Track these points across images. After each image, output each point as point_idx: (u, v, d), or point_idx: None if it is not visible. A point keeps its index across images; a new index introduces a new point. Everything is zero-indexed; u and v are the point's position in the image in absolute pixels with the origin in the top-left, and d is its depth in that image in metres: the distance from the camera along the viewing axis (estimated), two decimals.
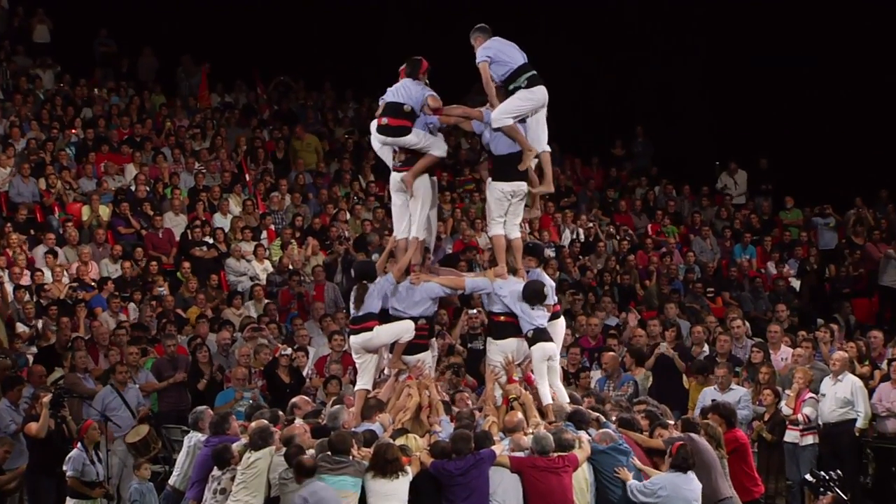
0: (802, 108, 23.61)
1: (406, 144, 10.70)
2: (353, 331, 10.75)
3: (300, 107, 24.03)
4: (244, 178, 20.30)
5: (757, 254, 20.67)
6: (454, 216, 19.90)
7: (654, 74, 25.09)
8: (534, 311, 10.54)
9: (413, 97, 10.69)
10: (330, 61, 25.28)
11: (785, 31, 23.65)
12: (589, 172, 23.70)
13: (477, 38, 10.83)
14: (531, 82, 10.66)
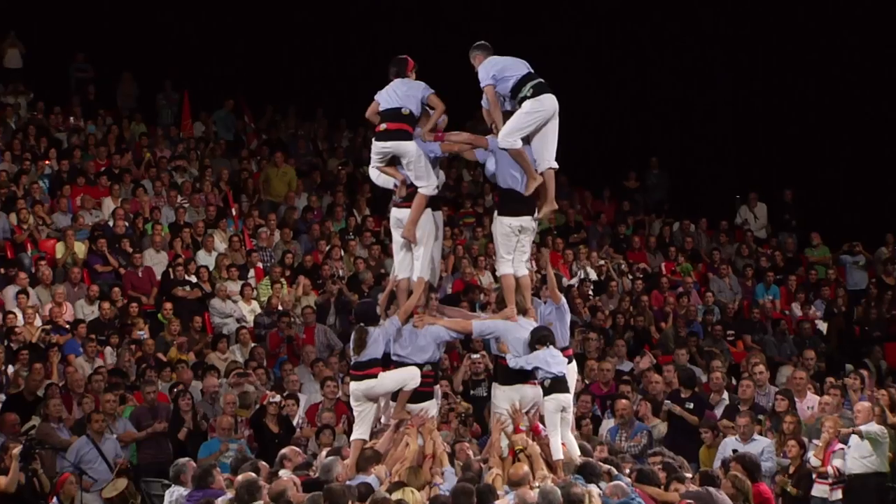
0: (830, 137, 23.77)
1: (404, 154, 10.67)
2: (355, 377, 10.75)
3: (291, 136, 24.22)
4: (230, 213, 20.41)
5: (781, 294, 20.74)
6: (455, 253, 19.98)
7: (670, 102, 25.27)
8: (552, 357, 10.55)
9: (410, 97, 10.74)
10: (323, 88, 25.52)
11: (809, 56, 23.86)
12: (600, 206, 23.82)
13: (476, 57, 10.90)
14: (537, 90, 10.65)
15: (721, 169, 24.95)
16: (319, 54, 25.91)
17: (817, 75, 23.76)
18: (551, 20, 24.82)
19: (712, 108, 25.20)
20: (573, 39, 24.73)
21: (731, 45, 24.88)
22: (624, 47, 25.56)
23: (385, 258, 19.30)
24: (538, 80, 10.71)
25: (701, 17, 25.01)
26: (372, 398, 10.72)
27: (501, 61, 10.79)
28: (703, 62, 25.29)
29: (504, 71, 10.71)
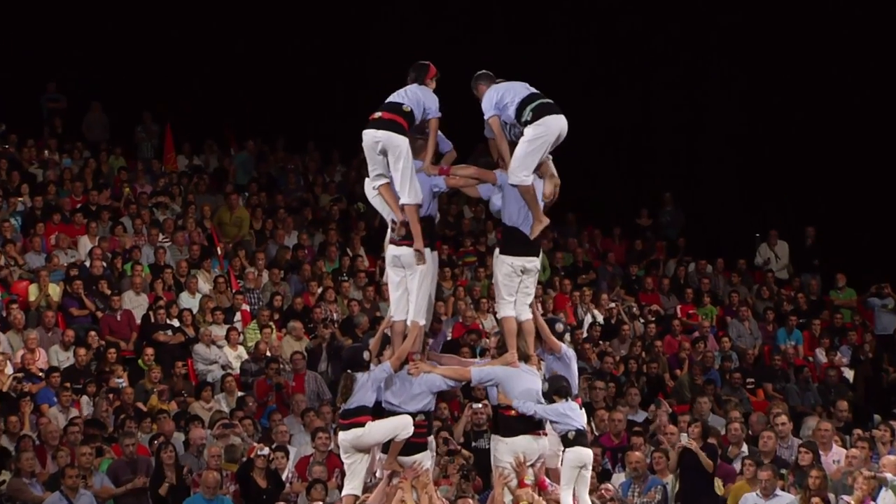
0: (855, 172, 23.89)
1: (394, 150, 10.64)
2: (342, 426, 10.79)
3: (280, 170, 24.35)
4: (215, 252, 20.50)
5: (804, 339, 20.80)
6: (455, 294, 20.06)
7: (684, 134, 25.44)
8: (572, 410, 10.60)
9: (417, 101, 10.74)
10: (314, 119, 25.70)
11: (833, 86, 24.05)
12: (610, 245, 23.92)
13: (479, 87, 10.94)
14: (537, 112, 10.60)
15: (739, 205, 25.06)
16: (310, 83, 26.11)
17: (841, 107, 23.93)
18: (555, 50, 25.02)
19: (729, 140, 25.35)
20: (579, 68, 24.92)
21: (750, 74, 25.08)
22: (633, 75, 25.77)
23: (380, 300, 19.36)
24: (540, 102, 10.68)
25: (716, 45, 25.25)
26: (361, 449, 10.74)
27: (503, 88, 10.81)
28: (719, 91, 25.47)
29: (504, 97, 10.72)
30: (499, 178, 10.85)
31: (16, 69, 24.51)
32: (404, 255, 10.91)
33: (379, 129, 10.67)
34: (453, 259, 21.47)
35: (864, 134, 23.84)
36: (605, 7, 25.26)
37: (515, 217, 10.82)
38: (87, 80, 24.90)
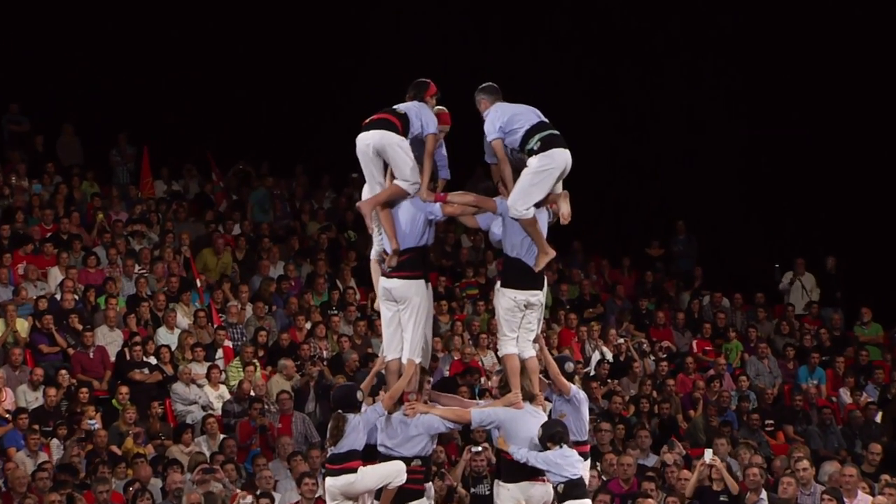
0: (881, 197, 23.98)
1: (388, 148, 10.71)
2: (331, 472, 10.81)
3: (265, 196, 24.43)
4: (195, 284, 20.54)
5: (827, 378, 20.83)
6: (453, 329, 20.09)
7: (697, 158, 25.53)
8: (564, 458, 10.60)
9: (416, 112, 10.81)
10: (302, 141, 25.78)
11: (855, 104, 24.19)
12: (619, 277, 23.98)
13: (482, 101, 11.00)
14: (546, 143, 10.67)
15: (757, 234, 25.13)
16: (298, 102, 26.20)
17: (863, 128, 24.05)
18: (562, 73, 25.18)
19: (745, 164, 25.45)
20: (586, 89, 25.06)
21: (767, 94, 25.21)
22: (642, 94, 25.89)
23: (373, 336, 19.38)
24: (549, 132, 10.73)
25: (733, 61, 25.39)
26: (351, 496, 10.75)
27: (510, 109, 10.84)
28: (734, 113, 25.59)
29: (513, 122, 10.74)
30: (499, 206, 10.89)
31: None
32: (397, 288, 10.95)
33: (371, 131, 10.76)
34: (452, 291, 21.50)
35: (892, 155, 23.95)
36: (605, 8, 25.57)
37: (518, 248, 10.86)
38: (55, 100, 24.92)
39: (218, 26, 25.85)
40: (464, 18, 24.99)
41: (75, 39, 25.39)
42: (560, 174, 10.83)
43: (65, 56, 25.25)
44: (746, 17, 25.26)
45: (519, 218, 10.72)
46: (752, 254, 24.90)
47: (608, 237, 24.88)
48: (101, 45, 25.40)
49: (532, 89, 11.30)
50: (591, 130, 24.00)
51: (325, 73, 26.27)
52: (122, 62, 25.48)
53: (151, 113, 25.29)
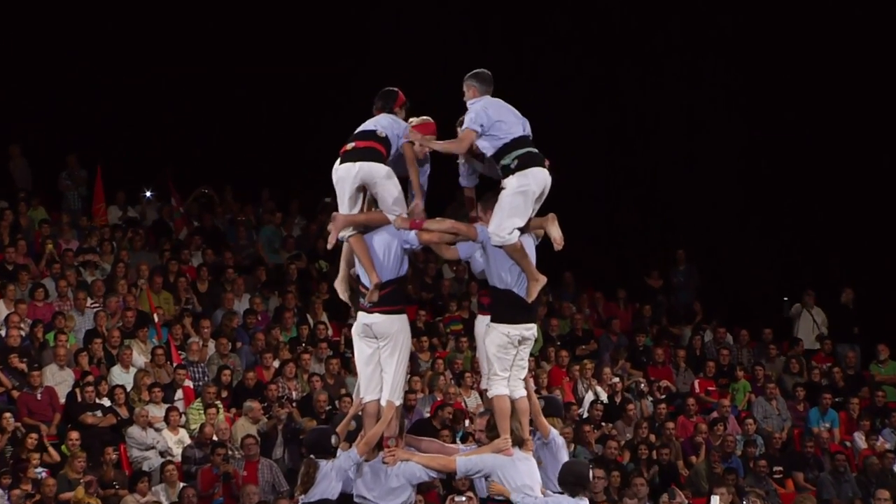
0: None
1: (373, 178, 10.78)
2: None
3: (229, 223, 24.42)
4: (153, 319, 20.51)
5: (840, 421, 20.89)
6: (434, 368, 20.10)
7: (699, 183, 25.64)
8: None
9: (391, 128, 10.89)
10: (269, 163, 25.79)
11: (869, 129, 24.37)
12: (614, 310, 24.03)
13: (471, 88, 11.01)
14: (522, 162, 10.72)
15: (764, 264, 25.22)
16: (265, 122, 26.24)
17: (880, 152, 24.22)
18: (562, 74, 25.33)
19: (751, 190, 25.57)
20: (586, 92, 25.18)
21: (772, 100, 25.36)
22: (641, 97, 26.01)
23: (347, 375, 19.39)
24: (527, 150, 10.78)
25: (735, 63, 25.56)
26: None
27: (497, 113, 10.83)
28: (739, 136, 25.73)
29: (496, 128, 10.77)
30: (480, 233, 10.88)
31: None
32: (378, 324, 10.98)
33: (356, 162, 10.81)
34: (434, 326, 21.51)
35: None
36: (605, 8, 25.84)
37: (506, 277, 10.87)
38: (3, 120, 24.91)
39: (182, 38, 25.87)
40: (464, 18, 25.21)
41: (25, 52, 25.39)
42: (539, 195, 10.87)
43: (10, 70, 25.25)
44: (747, 18, 25.49)
45: (503, 245, 10.74)
46: (759, 285, 24.98)
47: (602, 267, 24.94)
48: (52, 59, 25.40)
49: (532, 89, 11.34)
50: (587, 135, 24.23)
51: (298, 88, 26.30)
52: (73, 76, 25.48)
53: (105, 132, 25.27)
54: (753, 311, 24.31)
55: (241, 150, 26.08)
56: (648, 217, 26.19)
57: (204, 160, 25.87)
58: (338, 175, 10.94)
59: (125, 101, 25.76)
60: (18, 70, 25.35)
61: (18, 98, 25.21)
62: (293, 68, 25.89)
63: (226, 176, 25.32)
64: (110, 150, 24.67)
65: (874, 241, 24.29)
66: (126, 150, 25.33)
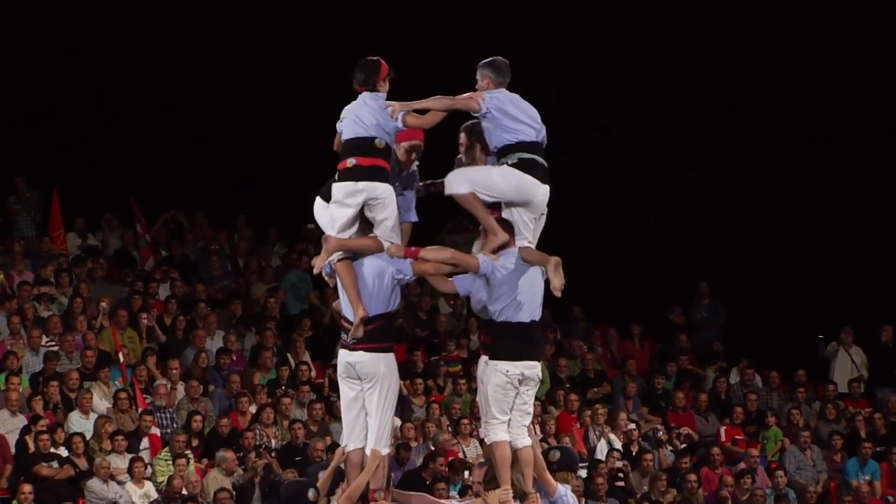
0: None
1: (377, 198, 10.81)
2: None
3: (201, 252, 24.42)
4: (115, 359, 20.50)
5: (882, 473, 20.88)
6: (429, 412, 20.09)
7: (722, 208, 25.67)
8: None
9: (382, 125, 10.83)
10: (246, 187, 25.81)
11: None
12: (629, 349, 24.01)
13: (486, 79, 11.00)
14: (525, 166, 10.77)
15: (796, 298, 25.23)
16: (240, 140, 26.26)
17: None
18: (562, 75, 25.45)
19: (779, 216, 25.60)
20: (579, 109, 25.25)
21: (799, 137, 25.47)
22: (654, 134, 26.09)
23: (331, 421, 19.38)
24: (532, 157, 10.83)
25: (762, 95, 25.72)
26: None
27: (512, 110, 10.84)
28: (760, 156, 25.81)
29: (507, 117, 10.79)
30: (482, 265, 10.87)
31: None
32: (363, 363, 10.97)
33: (359, 181, 10.83)
34: (431, 367, 21.49)
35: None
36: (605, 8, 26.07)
37: (507, 308, 10.86)
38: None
39: (150, 47, 25.91)
40: (464, 18, 25.39)
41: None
42: (526, 203, 10.88)
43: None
44: (747, 18, 25.73)
45: (453, 193, 10.84)
46: (791, 322, 24.98)
47: (615, 301, 24.93)
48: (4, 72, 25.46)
49: (532, 89, 11.37)
50: (590, 141, 24.28)
51: (271, 104, 26.36)
52: (28, 88, 25.50)
53: (62, 150, 25.29)
54: (785, 350, 24.28)
55: (214, 169, 26.07)
56: (665, 243, 26.17)
57: (173, 181, 25.86)
58: (343, 193, 10.90)
59: (83, 114, 25.73)
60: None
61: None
62: (292, 68, 25.95)
63: (198, 199, 25.31)
64: (67, 171, 24.68)
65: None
66: (85, 171, 25.31)
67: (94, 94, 25.72)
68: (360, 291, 10.96)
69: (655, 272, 25.92)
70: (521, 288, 10.84)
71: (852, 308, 24.48)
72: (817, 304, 25.13)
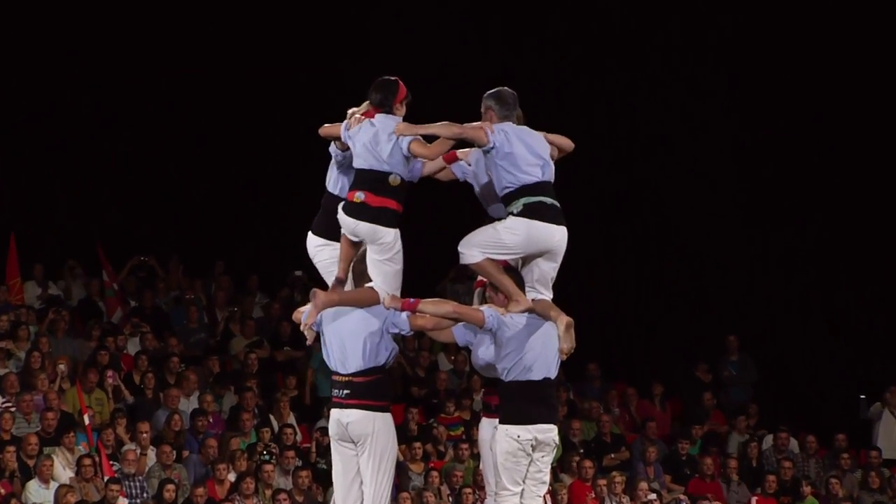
0: None
1: (380, 242, 10.88)
2: None
3: (174, 302, 24.42)
4: (80, 421, 20.49)
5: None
6: (427, 481, 20.06)
7: (751, 258, 25.72)
8: None
9: (397, 155, 10.89)
10: (223, 231, 25.83)
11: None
12: (650, 411, 23.99)
13: (488, 110, 11.10)
14: (529, 211, 10.86)
15: (835, 353, 25.24)
16: (219, 177, 26.30)
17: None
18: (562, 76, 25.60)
19: (817, 264, 25.65)
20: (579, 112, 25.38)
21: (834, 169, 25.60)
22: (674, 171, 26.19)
23: (319, 492, 19.34)
24: (539, 200, 10.92)
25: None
26: None
27: (516, 147, 10.90)
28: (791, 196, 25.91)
29: (509, 157, 10.87)
30: (488, 319, 10.89)
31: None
32: (355, 423, 11.01)
33: (363, 222, 10.89)
34: (427, 430, 21.46)
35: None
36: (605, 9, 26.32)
37: (517, 366, 10.89)
38: None
39: (118, 77, 26.00)
40: (464, 18, 25.60)
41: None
42: (542, 250, 10.97)
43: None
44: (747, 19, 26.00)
45: (468, 263, 10.95)
46: (829, 380, 24.98)
47: (636, 359, 24.93)
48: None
49: (532, 91, 11.45)
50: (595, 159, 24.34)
51: (253, 140, 26.43)
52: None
53: (21, 192, 25.32)
54: (823, 411, 24.28)
55: (189, 210, 26.08)
56: (690, 293, 26.21)
57: (143, 223, 25.87)
58: (350, 231, 11.00)
59: (42, 152, 25.76)
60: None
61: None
62: (293, 68, 26.07)
63: (171, 243, 25.32)
64: (24, 211, 24.69)
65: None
66: (45, 211, 25.34)
67: (54, 126, 25.76)
68: (350, 349, 11.01)
69: (678, 324, 25.91)
70: (532, 344, 10.89)
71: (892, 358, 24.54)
72: (859, 360, 25.13)
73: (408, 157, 10.92)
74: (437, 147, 10.95)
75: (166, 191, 26.20)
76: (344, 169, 11.26)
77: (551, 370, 10.97)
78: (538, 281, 11.09)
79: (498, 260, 10.93)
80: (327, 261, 11.30)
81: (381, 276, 10.96)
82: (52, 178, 25.81)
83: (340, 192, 11.21)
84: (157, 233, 25.56)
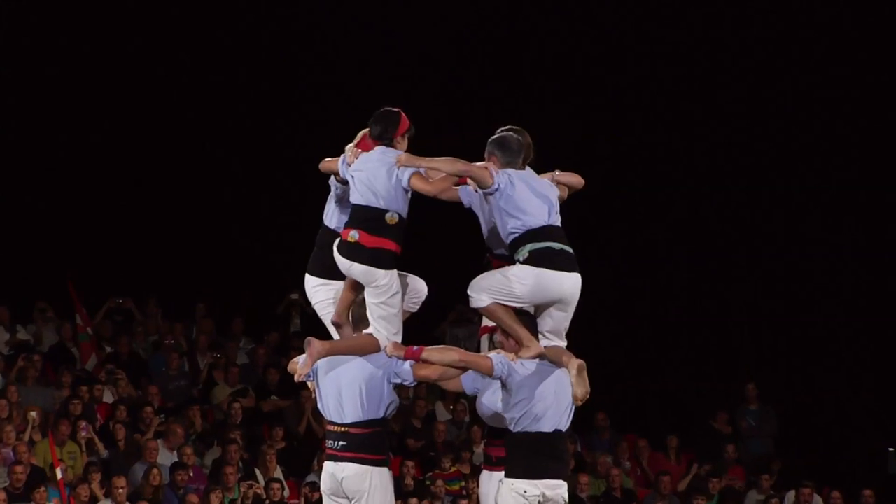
0: None
1: (374, 284, 10.99)
2: None
3: (152, 347, 24.47)
4: (53, 476, 20.54)
5: None
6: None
7: (771, 294, 25.84)
8: None
9: (396, 192, 10.97)
10: (204, 272, 25.92)
11: None
12: (663, 464, 24.02)
13: (492, 156, 11.18)
14: (537, 258, 10.93)
15: (861, 404, 25.33)
16: (200, 214, 26.41)
17: None
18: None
19: (839, 306, 25.79)
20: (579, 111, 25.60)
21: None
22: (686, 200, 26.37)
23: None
24: (547, 246, 11.00)
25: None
26: None
27: (520, 193, 11.01)
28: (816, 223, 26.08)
29: (513, 201, 10.97)
30: (497, 367, 10.93)
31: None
32: (349, 479, 11.10)
33: (355, 263, 10.99)
34: (424, 485, 21.52)
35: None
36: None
37: (527, 419, 10.95)
38: None
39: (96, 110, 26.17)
40: (463, 18, 25.86)
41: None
42: (554, 300, 11.07)
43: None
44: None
45: (477, 307, 11.02)
46: (855, 432, 25.07)
47: (649, 409, 25.00)
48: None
49: (533, 92, 11.64)
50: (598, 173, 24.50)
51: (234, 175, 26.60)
52: None
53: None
54: (849, 465, 24.34)
55: (169, 248, 26.17)
56: (704, 339, 26.31)
57: (118, 263, 25.95)
58: (345, 269, 11.11)
59: (12, 188, 25.90)
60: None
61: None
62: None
63: (149, 283, 25.41)
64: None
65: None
66: (12, 250, 25.43)
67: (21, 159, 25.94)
68: (347, 398, 11.14)
69: (693, 373, 26.00)
70: (543, 393, 10.93)
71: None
72: (886, 411, 25.23)
73: (408, 191, 11.02)
74: (440, 183, 11.05)
75: (143, 228, 26.25)
76: (342, 204, 11.37)
77: (563, 422, 11.02)
78: (551, 331, 11.18)
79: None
80: (325, 301, 11.42)
81: (380, 320, 11.08)
82: (18, 213, 25.85)
83: (338, 226, 11.29)
84: (134, 273, 25.60)
